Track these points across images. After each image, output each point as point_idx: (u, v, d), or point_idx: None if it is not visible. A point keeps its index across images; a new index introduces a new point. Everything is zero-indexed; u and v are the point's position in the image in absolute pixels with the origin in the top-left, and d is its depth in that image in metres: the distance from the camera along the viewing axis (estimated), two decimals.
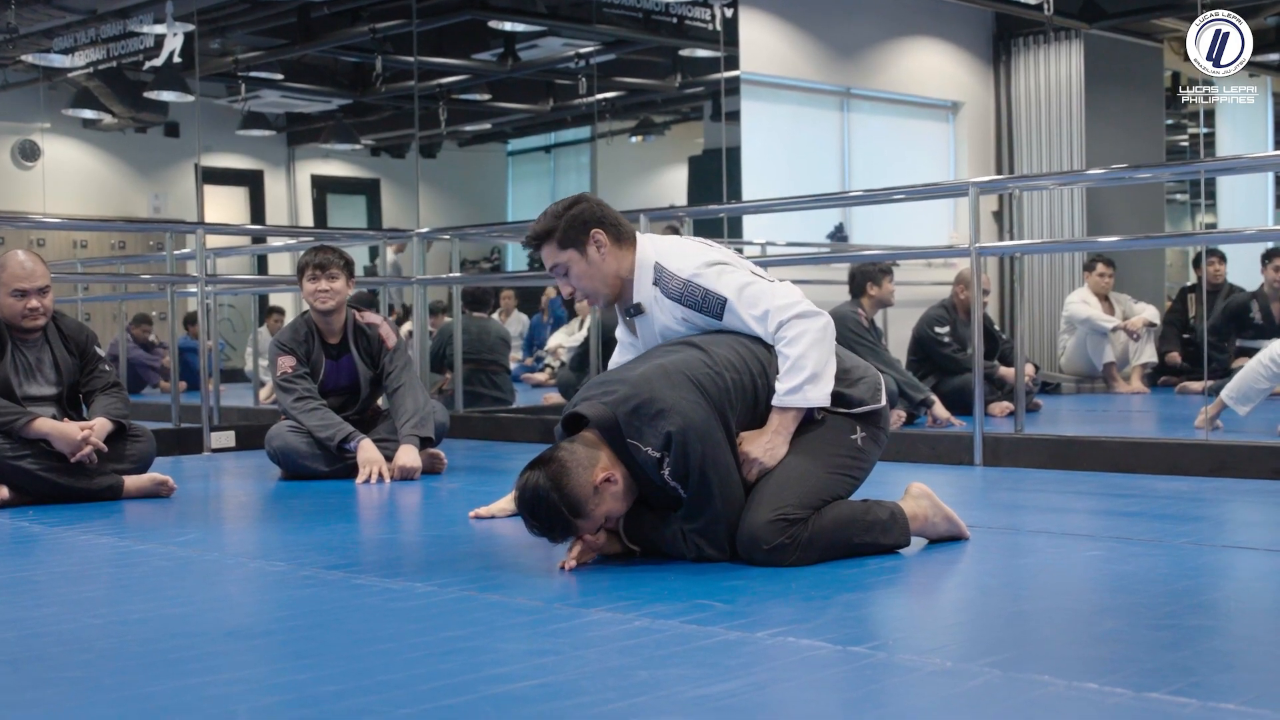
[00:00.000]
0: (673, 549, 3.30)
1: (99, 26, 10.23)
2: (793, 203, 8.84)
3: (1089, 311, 9.47)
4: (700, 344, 3.38)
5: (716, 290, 3.45)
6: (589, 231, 3.55)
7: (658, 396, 3.17)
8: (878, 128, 12.30)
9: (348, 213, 12.74)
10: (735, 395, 3.29)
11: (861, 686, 2.21)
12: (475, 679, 2.26)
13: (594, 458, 3.18)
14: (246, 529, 4.56)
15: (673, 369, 3.25)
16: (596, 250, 3.55)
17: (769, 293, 3.43)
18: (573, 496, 3.14)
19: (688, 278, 3.49)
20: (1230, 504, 4.48)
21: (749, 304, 3.42)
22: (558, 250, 3.57)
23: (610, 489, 3.18)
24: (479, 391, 8.41)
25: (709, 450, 3.18)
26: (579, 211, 3.57)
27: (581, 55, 11.19)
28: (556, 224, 3.56)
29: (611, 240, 3.57)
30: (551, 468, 3.16)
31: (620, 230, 3.60)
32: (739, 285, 3.45)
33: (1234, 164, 8.49)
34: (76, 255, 10.86)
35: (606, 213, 3.60)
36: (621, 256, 3.58)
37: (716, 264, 3.50)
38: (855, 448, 3.41)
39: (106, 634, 2.72)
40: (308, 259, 5.62)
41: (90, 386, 5.04)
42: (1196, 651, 2.39)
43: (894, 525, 3.39)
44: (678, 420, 3.14)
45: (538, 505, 3.15)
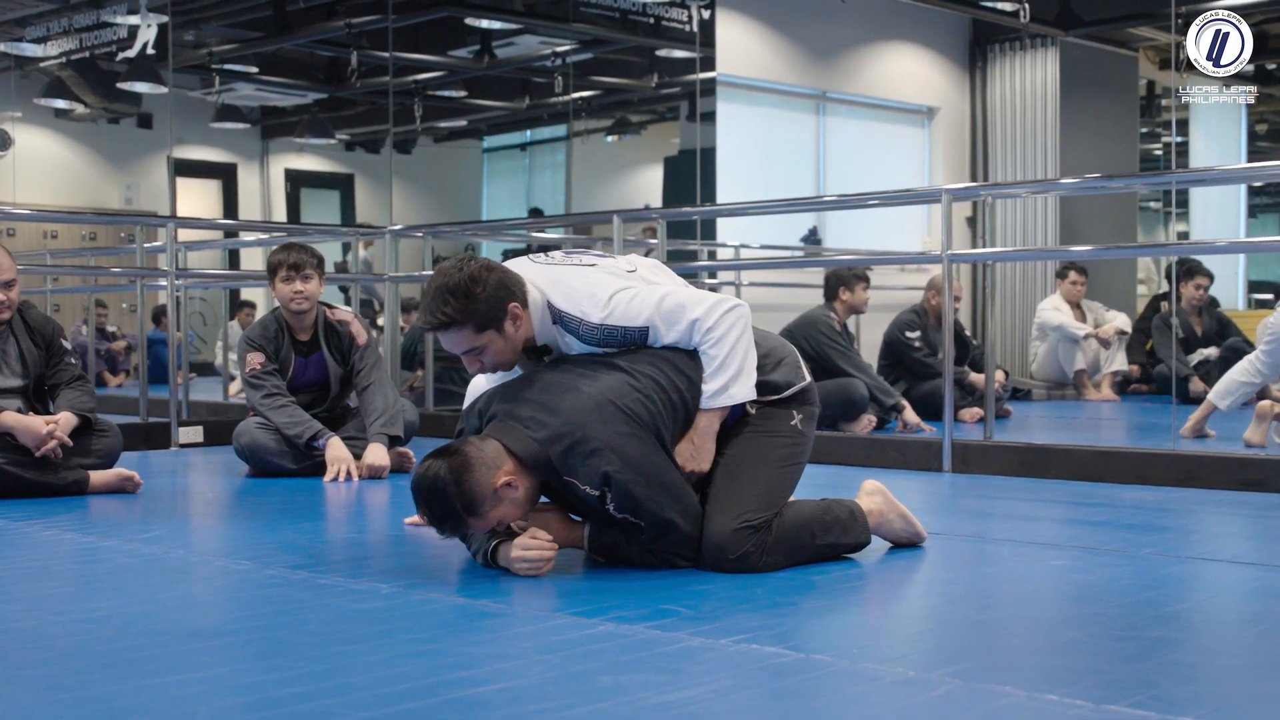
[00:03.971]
0: (641, 563, 3.29)
1: (72, 16, 10.16)
2: (767, 206, 8.85)
3: (1061, 319, 9.51)
4: (623, 364, 3.27)
5: (634, 325, 3.29)
6: (506, 307, 3.26)
7: (590, 435, 3.10)
8: (853, 132, 12.33)
9: (321, 207, 12.67)
10: (666, 416, 3.24)
11: (823, 695, 2.21)
12: (438, 682, 2.26)
13: (500, 460, 3.11)
14: (213, 526, 4.54)
15: (602, 399, 3.15)
16: (513, 325, 3.29)
17: (685, 302, 3.31)
18: (470, 494, 3.07)
19: (599, 322, 3.29)
20: (1197, 515, 4.51)
21: (669, 322, 3.29)
22: (474, 334, 3.27)
23: (510, 494, 3.13)
24: (450, 390, 8.39)
25: (653, 478, 3.16)
26: (493, 287, 3.24)
27: (558, 54, 11.17)
28: (471, 306, 3.22)
29: (523, 308, 3.30)
30: (455, 460, 3.09)
31: (525, 293, 3.32)
32: (653, 306, 3.29)
33: (1205, 175, 8.52)
34: (46, 246, 10.78)
35: (509, 279, 3.29)
36: (528, 319, 3.33)
37: (618, 292, 3.31)
38: (796, 432, 3.42)
39: (67, 632, 2.70)
40: (280, 258, 5.58)
41: (56, 380, 5.00)
42: (1158, 663, 2.40)
43: (854, 523, 3.42)
44: (614, 459, 3.10)
45: (433, 496, 3.09)
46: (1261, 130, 12.38)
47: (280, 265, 5.56)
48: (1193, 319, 9.01)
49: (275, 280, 5.58)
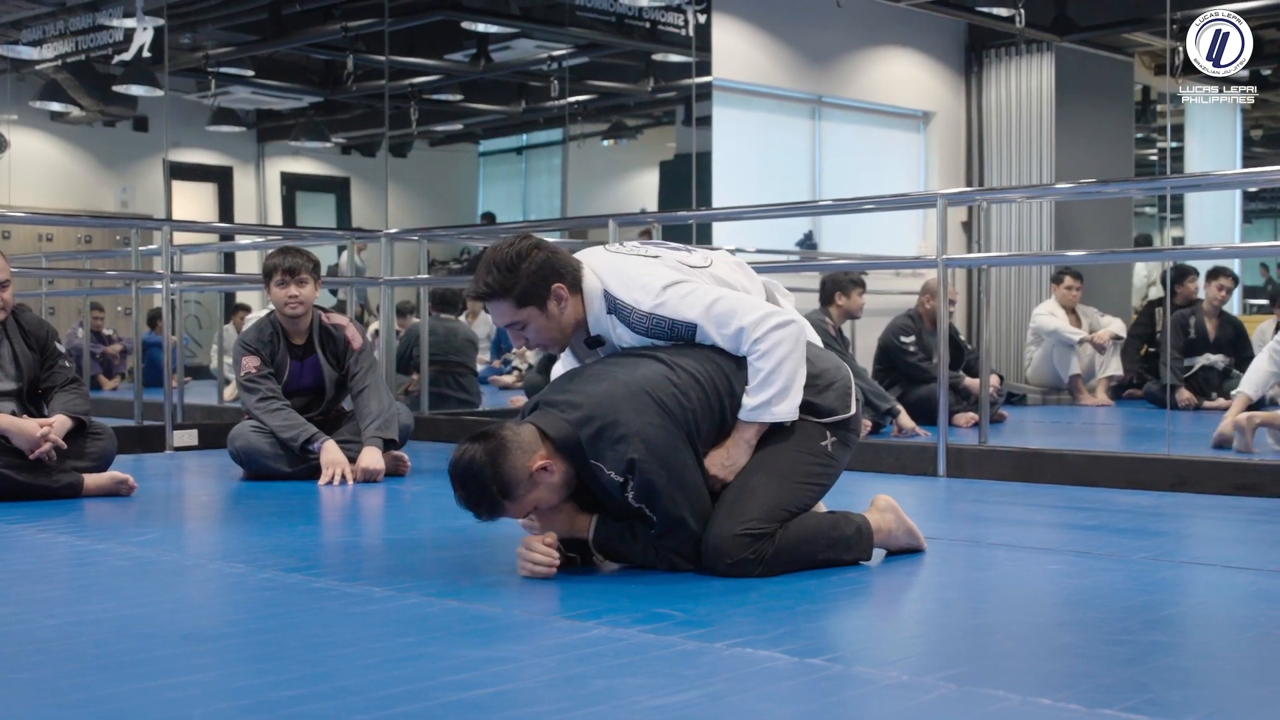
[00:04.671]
0: (643, 561, 3.29)
1: (68, 19, 10.16)
2: (762, 211, 8.85)
3: (1056, 323, 9.52)
4: (665, 358, 3.30)
5: (683, 318, 3.32)
6: (549, 286, 3.35)
7: (621, 420, 3.12)
8: (849, 136, 12.34)
9: (317, 210, 12.68)
10: (701, 414, 3.24)
11: (817, 699, 2.21)
12: (432, 686, 2.26)
13: (535, 444, 3.14)
14: (207, 530, 4.53)
15: (637, 388, 3.18)
16: (557, 304, 3.37)
17: (738, 308, 3.32)
18: (505, 477, 3.10)
19: (649, 310, 3.34)
20: (1190, 519, 4.51)
21: (719, 324, 3.31)
22: (515, 308, 3.37)
23: (545, 478, 3.15)
24: (445, 393, 8.39)
25: (674, 473, 3.16)
26: (538, 265, 3.34)
27: (554, 58, 11.19)
28: (513, 280, 3.33)
29: (569, 290, 3.38)
30: (491, 443, 3.12)
31: (575, 275, 3.41)
32: (705, 305, 3.32)
33: (1200, 181, 8.55)
34: (42, 249, 10.78)
35: (560, 260, 3.38)
36: (577, 302, 3.41)
37: (673, 284, 3.35)
38: (825, 454, 3.36)
39: (61, 635, 2.70)
40: (275, 262, 5.57)
41: (50, 383, 4.99)
42: (1152, 667, 2.40)
43: (858, 541, 3.37)
44: (640, 447, 3.11)
45: (469, 478, 3.12)
46: (1257, 135, 12.39)
47: (275, 269, 5.55)
48: (1209, 321, 8.94)
49: (270, 284, 5.58)
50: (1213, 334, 8.85)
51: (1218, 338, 8.85)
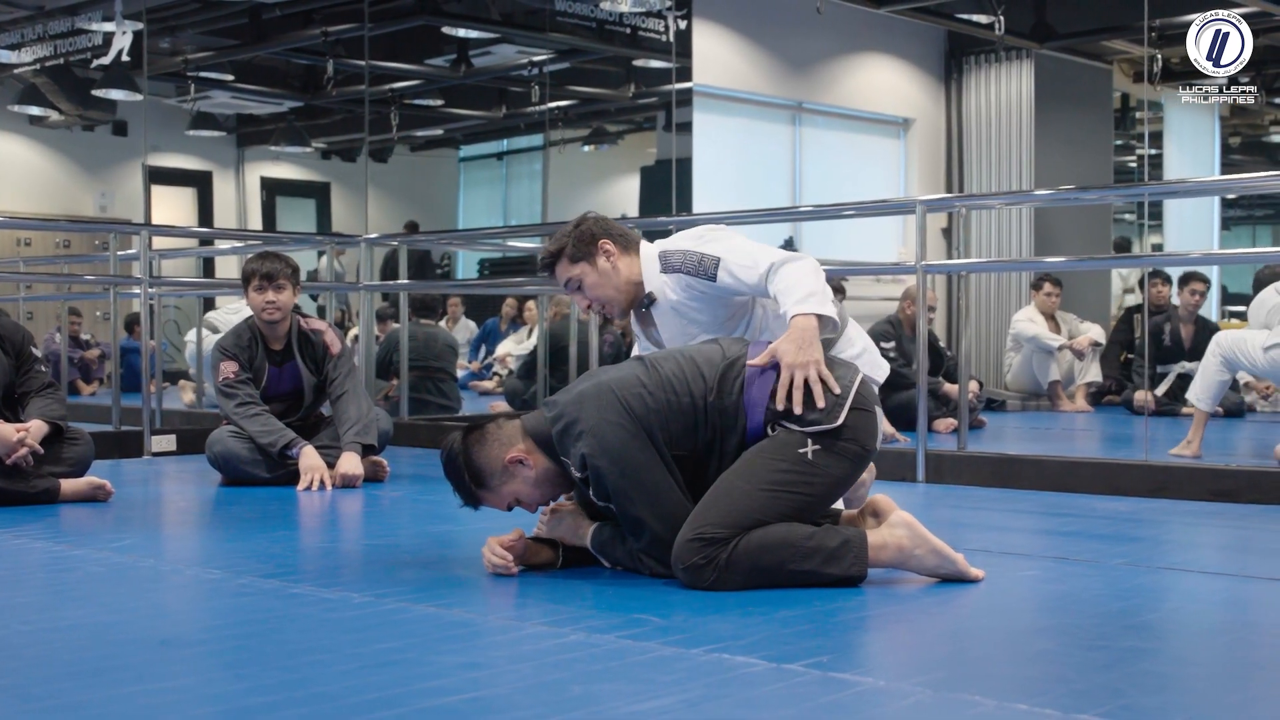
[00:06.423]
0: (630, 566, 3.30)
1: (46, 23, 10.12)
2: (743, 216, 8.85)
3: (1035, 330, 9.55)
4: (648, 360, 3.34)
5: (709, 252, 3.65)
6: (597, 243, 3.72)
7: (582, 417, 3.19)
8: (829, 143, 12.37)
9: (297, 215, 12.65)
10: (670, 415, 3.21)
11: (795, 705, 2.21)
12: (408, 692, 2.25)
13: (516, 438, 3.30)
14: (184, 535, 4.52)
15: (605, 387, 3.23)
16: (606, 260, 3.72)
17: (763, 250, 3.62)
18: (478, 465, 3.29)
19: (685, 248, 3.71)
20: (1168, 525, 4.52)
21: (741, 257, 3.61)
22: (569, 265, 3.73)
23: (521, 471, 3.28)
24: (425, 399, 8.37)
25: (628, 471, 3.15)
26: (585, 227, 3.75)
27: (535, 63, 11.19)
28: (565, 242, 3.73)
29: (619, 249, 3.74)
30: (472, 435, 3.33)
31: (627, 239, 3.78)
32: (730, 246, 3.66)
33: (1178, 188, 8.60)
34: (20, 253, 10.73)
35: (611, 225, 3.79)
36: (630, 262, 3.75)
37: (711, 231, 3.76)
38: (803, 462, 3.20)
39: (36, 641, 2.68)
40: (254, 267, 5.55)
41: (26, 388, 4.97)
42: (1128, 673, 2.41)
43: (844, 554, 3.16)
44: (592, 443, 3.16)
45: (447, 465, 3.34)
46: (1235, 143, 12.46)
47: (253, 274, 5.53)
48: (1184, 327, 8.95)
49: (248, 289, 5.56)
50: (1188, 341, 8.85)
51: (1193, 345, 8.83)
